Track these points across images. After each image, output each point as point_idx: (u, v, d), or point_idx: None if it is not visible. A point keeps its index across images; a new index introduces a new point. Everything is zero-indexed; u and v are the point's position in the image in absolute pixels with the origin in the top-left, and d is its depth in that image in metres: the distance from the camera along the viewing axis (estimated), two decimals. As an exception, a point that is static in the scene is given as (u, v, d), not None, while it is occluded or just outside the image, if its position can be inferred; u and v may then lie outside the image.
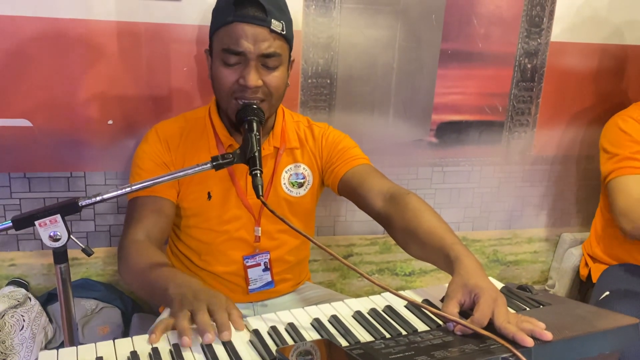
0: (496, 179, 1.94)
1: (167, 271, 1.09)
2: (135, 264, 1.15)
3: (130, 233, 1.23)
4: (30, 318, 1.52)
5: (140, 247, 1.19)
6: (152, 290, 1.09)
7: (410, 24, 1.69)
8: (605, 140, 1.75)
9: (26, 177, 1.56)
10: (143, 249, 1.18)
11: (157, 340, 0.89)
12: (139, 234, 1.23)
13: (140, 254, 1.17)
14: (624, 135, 1.69)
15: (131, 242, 1.21)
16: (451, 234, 1.11)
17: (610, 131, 1.75)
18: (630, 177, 1.64)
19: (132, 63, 1.52)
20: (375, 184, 1.31)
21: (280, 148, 1.37)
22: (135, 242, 1.21)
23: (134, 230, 1.24)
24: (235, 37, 1.18)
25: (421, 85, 1.77)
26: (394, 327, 0.94)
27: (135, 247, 1.20)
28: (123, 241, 1.23)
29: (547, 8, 1.78)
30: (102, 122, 1.55)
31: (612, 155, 1.70)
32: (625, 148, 1.67)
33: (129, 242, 1.21)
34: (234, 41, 1.19)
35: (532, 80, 1.86)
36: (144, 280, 1.11)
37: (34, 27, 1.44)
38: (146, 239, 1.23)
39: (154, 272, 1.10)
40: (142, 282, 1.12)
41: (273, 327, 0.94)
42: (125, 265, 1.18)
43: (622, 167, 1.66)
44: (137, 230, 1.23)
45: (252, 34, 1.18)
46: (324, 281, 1.89)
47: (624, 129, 1.70)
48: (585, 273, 1.89)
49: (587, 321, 0.94)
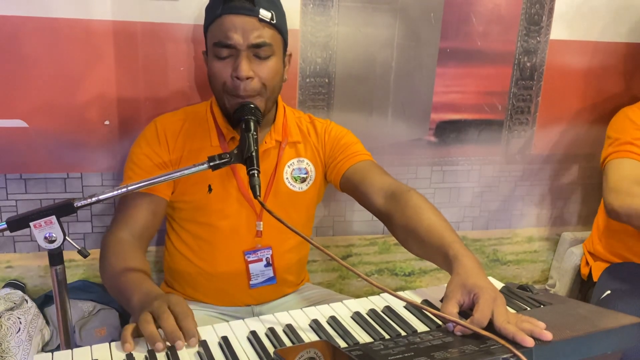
0: (496, 178, 1.93)
1: (136, 278, 1.09)
2: (111, 265, 1.15)
3: (116, 229, 1.23)
4: (27, 320, 1.51)
5: (121, 248, 1.19)
6: (119, 295, 1.09)
7: (409, 22, 1.68)
8: (611, 129, 1.76)
9: (22, 179, 1.55)
10: (122, 251, 1.18)
11: (133, 348, 0.87)
12: (125, 232, 1.23)
13: (118, 255, 1.16)
14: (630, 122, 1.70)
15: (113, 240, 1.21)
16: (451, 232, 1.10)
17: (617, 120, 1.76)
18: (626, 159, 1.64)
19: (128, 63, 1.51)
20: (377, 181, 1.30)
21: (283, 142, 1.36)
22: (118, 240, 1.21)
23: (120, 227, 1.24)
24: (224, 30, 1.19)
25: (420, 84, 1.75)
26: (393, 327, 0.94)
27: (116, 246, 1.19)
28: (106, 237, 1.23)
29: (546, 6, 1.77)
30: (99, 122, 1.54)
31: (613, 140, 1.70)
32: (628, 134, 1.67)
33: (111, 239, 1.21)
34: (223, 34, 1.19)
35: (532, 79, 1.85)
36: (115, 283, 1.12)
37: (29, 27, 1.42)
38: (130, 238, 1.22)
39: (124, 277, 1.10)
40: (113, 285, 1.13)
41: (271, 328, 0.93)
42: (103, 263, 1.19)
43: (620, 151, 1.66)
44: (123, 228, 1.23)
45: (241, 25, 1.18)
46: (323, 282, 1.88)
47: (632, 118, 1.70)
48: (586, 272, 1.88)
49: (588, 321, 0.93)
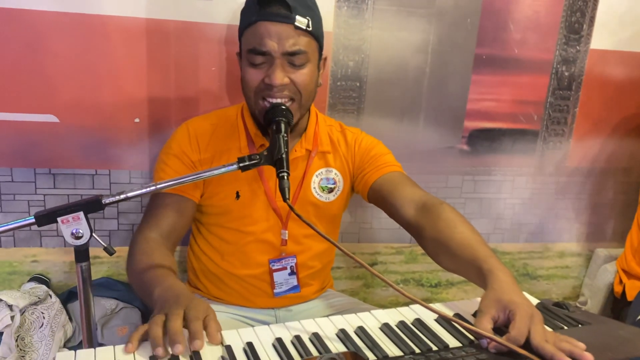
0: (529, 190, 1.88)
1: (160, 273, 1.07)
2: (138, 262, 1.14)
3: (145, 229, 1.23)
4: (50, 315, 1.51)
5: (149, 246, 1.18)
6: (144, 292, 1.07)
7: (445, 27, 1.65)
8: None
9: (51, 173, 1.55)
10: (150, 249, 1.17)
11: (133, 350, 0.85)
12: (154, 232, 1.22)
13: (145, 253, 1.15)
14: None
15: (142, 238, 1.20)
16: (485, 247, 1.07)
17: None
18: None
19: (160, 61, 1.51)
20: (407, 193, 1.27)
21: (313, 151, 1.34)
22: (147, 239, 1.20)
23: (150, 227, 1.23)
24: (259, 37, 1.16)
25: (454, 91, 1.72)
26: (424, 341, 0.90)
27: (144, 245, 1.19)
28: (136, 236, 1.23)
29: (587, 14, 1.72)
30: (129, 120, 1.54)
31: None
32: None
33: (140, 238, 1.21)
34: (258, 41, 1.17)
35: (570, 89, 1.79)
36: (140, 280, 1.10)
37: (62, 22, 1.43)
38: (159, 238, 1.22)
39: (149, 273, 1.09)
40: (139, 282, 1.11)
41: (297, 336, 0.91)
42: (130, 262, 1.18)
43: None
44: (152, 227, 1.23)
45: (276, 32, 1.15)
46: (347, 289, 1.85)
47: None
48: (620, 290, 1.82)
49: (631, 343, 0.88)
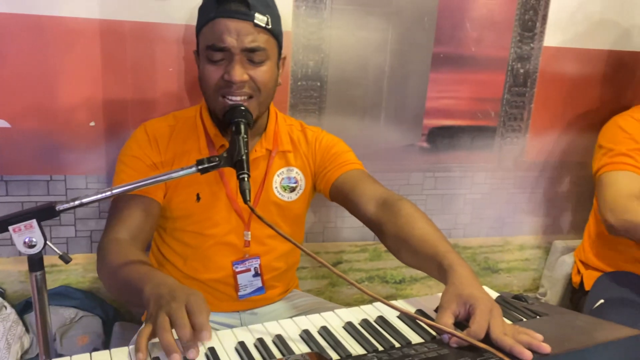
0: (488, 185, 1.92)
1: (145, 270, 1.04)
2: (113, 262, 1.09)
3: (112, 231, 1.18)
4: (6, 327, 1.46)
5: (120, 246, 1.14)
6: (128, 290, 1.03)
7: (403, 26, 1.66)
8: (603, 138, 1.73)
9: (3, 180, 1.50)
10: (123, 248, 1.13)
11: (146, 358, 0.83)
12: (121, 233, 1.18)
13: (119, 252, 1.11)
14: (622, 132, 1.67)
15: (112, 240, 1.16)
16: (444, 242, 1.08)
17: (608, 129, 1.74)
18: (621, 172, 1.62)
19: (116, 63, 1.48)
20: (368, 190, 1.28)
21: (273, 151, 1.33)
22: (116, 240, 1.16)
23: (117, 229, 1.19)
24: (218, 33, 1.16)
25: (413, 89, 1.73)
26: (387, 339, 0.91)
27: (114, 246, 1.14)
28: (103, 239, 1.18)
29: (540, 12, 1.76)
30: (84, 124, 1.50)
31: (607, 150, 1.68)
32: (622, 144, 1.65)
33: (109, 241, 1.16)
34: (217, 37, 1.16)
35: (525, 85, 1.83)
36: (120, 279, 1.06)
37: (12, 24, 1.39)
38: (128, 239, 1.18)
39: (130, 271, 1.04)
40: (118, 282, 1.07)
41: (260, 339, 0.90)
42: (102, 264, 1.13)
43: (616, 162, 1.63)
44: (119, 229, 1.19)
45: (235, 29, 1.15)
46: (313, 289, 1.85)
47: (623, 127, 1.68)
48: (578, 280, 1.87)
49: (587, 333, 0.91)
